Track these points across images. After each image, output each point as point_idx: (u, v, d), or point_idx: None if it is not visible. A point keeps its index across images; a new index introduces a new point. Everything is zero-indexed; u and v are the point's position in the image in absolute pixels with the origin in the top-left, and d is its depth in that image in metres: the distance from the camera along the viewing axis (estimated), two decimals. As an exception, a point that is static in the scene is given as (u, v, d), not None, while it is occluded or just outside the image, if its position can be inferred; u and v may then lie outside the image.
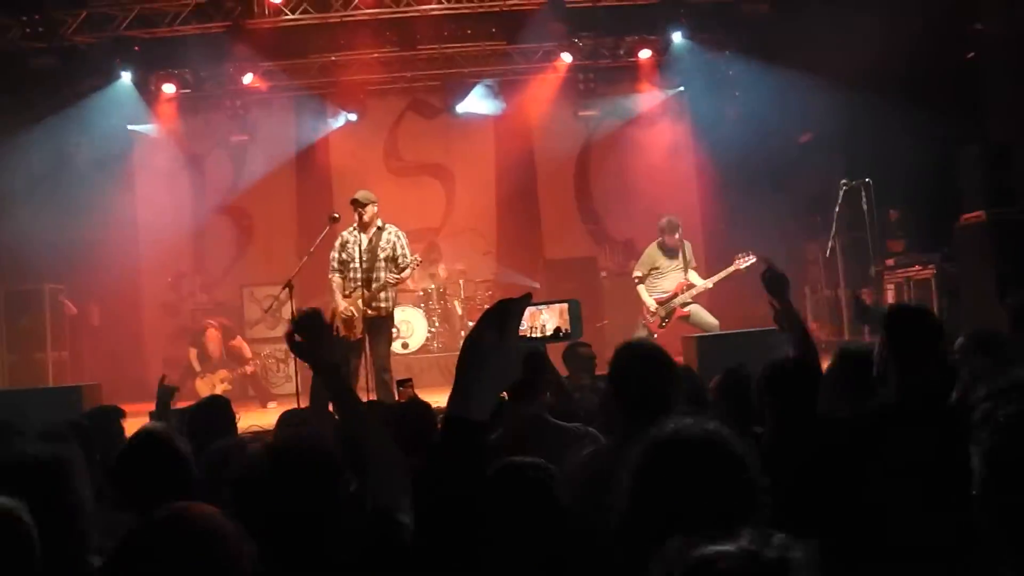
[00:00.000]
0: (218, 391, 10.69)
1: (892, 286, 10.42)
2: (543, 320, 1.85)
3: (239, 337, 11.92)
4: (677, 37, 12.88)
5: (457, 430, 1.64)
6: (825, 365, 3.75)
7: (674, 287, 9.72)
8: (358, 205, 8.39)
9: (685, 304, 9.67)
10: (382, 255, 8.40)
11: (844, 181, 10.18)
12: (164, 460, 3.00)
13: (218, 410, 4.68)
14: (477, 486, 1.64)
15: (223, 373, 11.43)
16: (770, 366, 3.62)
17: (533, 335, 1.84)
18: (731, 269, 9.58)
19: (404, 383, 6.66)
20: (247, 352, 11.71)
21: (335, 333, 8.14)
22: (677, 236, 9.86)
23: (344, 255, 8.48)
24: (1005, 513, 1.47)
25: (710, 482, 1.73)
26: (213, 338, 11.65)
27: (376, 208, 8.49)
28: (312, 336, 2.77)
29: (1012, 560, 1.45)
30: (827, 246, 10.63)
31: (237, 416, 4.81)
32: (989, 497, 1.50)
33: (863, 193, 10.13)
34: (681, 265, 9.86)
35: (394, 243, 8.45)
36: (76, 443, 3.53)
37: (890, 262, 10.58)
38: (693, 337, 8.69)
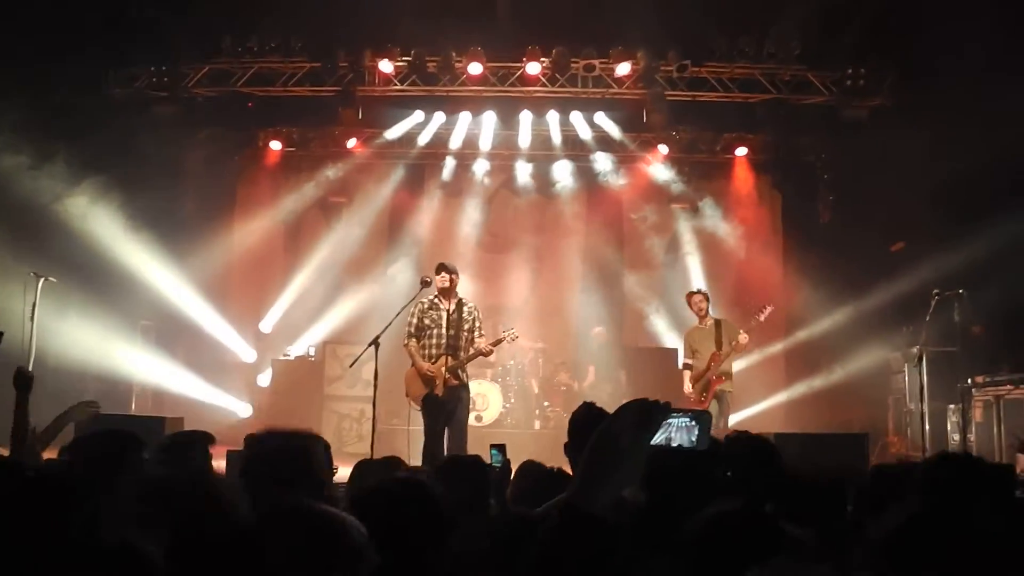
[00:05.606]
0: None
1: (981, 404, 10.08)
2: (671, 431, 1.82)
3: None
4: (774, 136, 12.97)
5: (576, 520, 1.65)
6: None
7: (705, 363, 9.72)
8: (447, 271, 8.33)
9: (721, 374, 9.64)
10: (465, 327, 8.34)
11: (936, 291, 9.61)
12: None
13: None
14: None
15: None
16: None
17: (664, 444, 1.81)
18: (753, 323, 9.81)
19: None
20: None
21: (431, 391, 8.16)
22: (704, 314, 9.97)
23: (427, 321, 8.34)
24: None
25: None
26: None
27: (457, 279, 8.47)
28: None
29: None
30: (914, 356, 10.24)
31: None
32: None
33: (956, 305, 9.79)
34: (714, 339, 9.78)
35: (474, 316, 8.39)
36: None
37: (980, 379, 10.19)
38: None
